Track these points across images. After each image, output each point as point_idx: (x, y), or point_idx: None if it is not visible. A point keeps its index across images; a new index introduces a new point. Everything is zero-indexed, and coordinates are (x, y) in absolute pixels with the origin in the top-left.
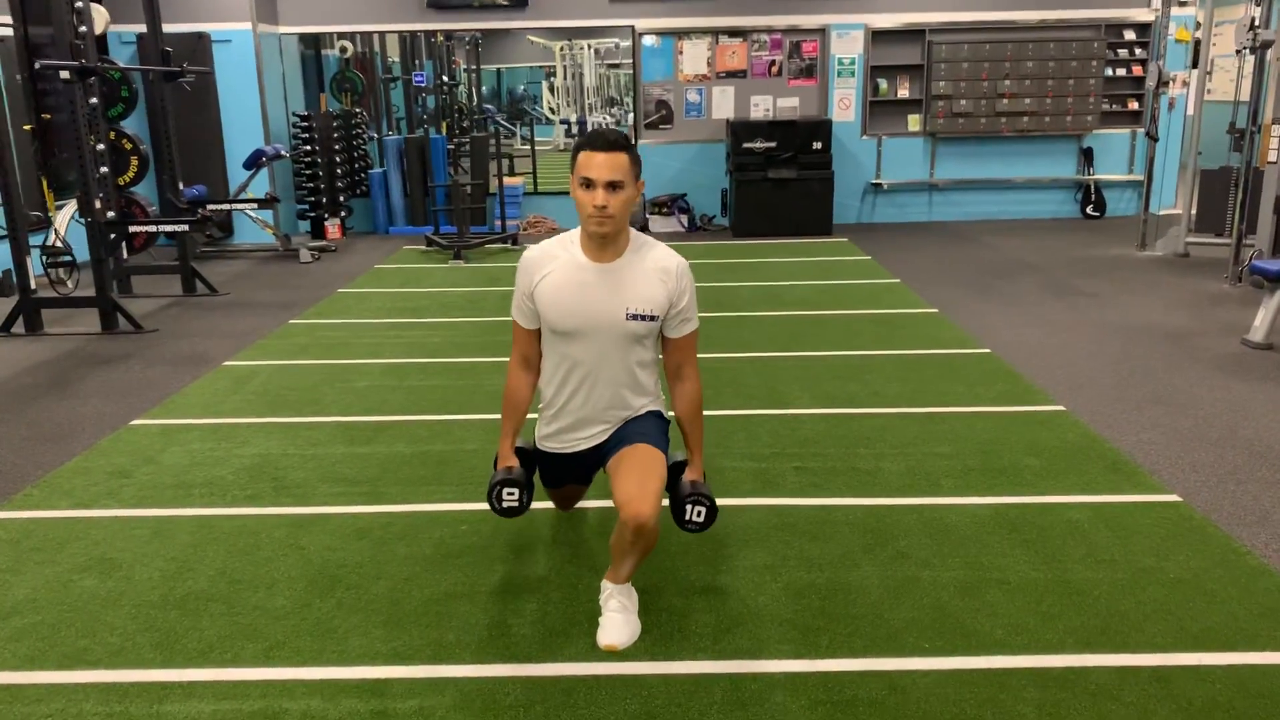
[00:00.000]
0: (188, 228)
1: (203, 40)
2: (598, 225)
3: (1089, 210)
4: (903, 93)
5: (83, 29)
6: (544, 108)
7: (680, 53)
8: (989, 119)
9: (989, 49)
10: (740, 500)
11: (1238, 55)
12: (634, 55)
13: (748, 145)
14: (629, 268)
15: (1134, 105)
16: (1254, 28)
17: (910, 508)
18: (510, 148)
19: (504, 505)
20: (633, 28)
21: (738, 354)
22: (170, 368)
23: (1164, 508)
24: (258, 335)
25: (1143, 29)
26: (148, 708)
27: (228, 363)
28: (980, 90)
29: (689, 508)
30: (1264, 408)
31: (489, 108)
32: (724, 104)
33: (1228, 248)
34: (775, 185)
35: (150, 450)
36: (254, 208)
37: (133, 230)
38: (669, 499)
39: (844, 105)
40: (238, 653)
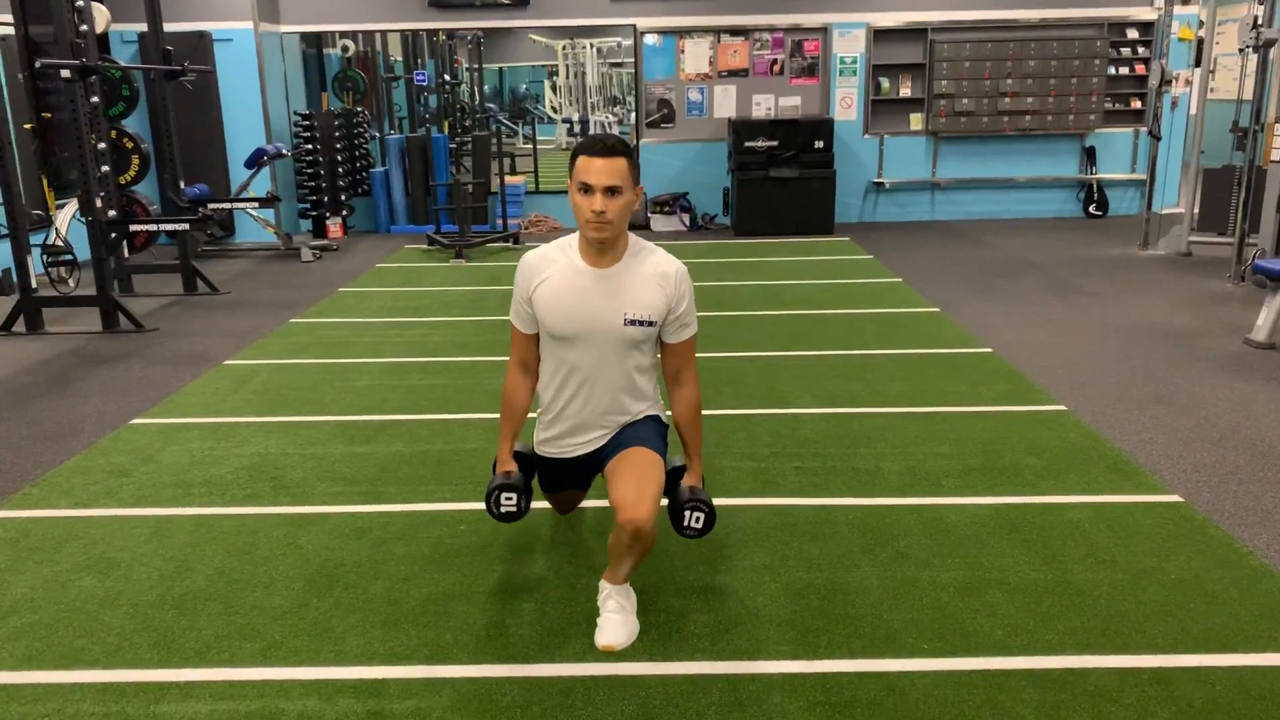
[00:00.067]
0: (188, 227)
1: (204, 39)
2: (596, 231)
3: (1091, 209)
4: (905, 92)
5: (84, 28)
6: (546, 107)
7: (682, 51)
8: (991, 118)
9: (991, 48)
10: (740, 500)
11: (1240, 54)
12: (635, 54)
13: (749, 144)
14: (627, 273)
15: (1137, 104)
16: (1257, 26)
17: (910, 508)
18: (512, 147)
19: (502, 510)
20: (634, 26)
21: (738, 353)
22: (170, 367)
23: (1165, 508)
24: (258, 334)
25: (1145, 27)
26: (144, 708)
27: (228, 362)
28: (982, 89)
29: (687, 514)
30: (1266, 408)
31: (491, 107)
32: (726, 103)
33: (1230, 247)
34: (777, 184)
35: (150, 449)
36: (255, 206)
37: (133, 229)
38: (667, 504)
39: (846, 104)
40: (235, 653)
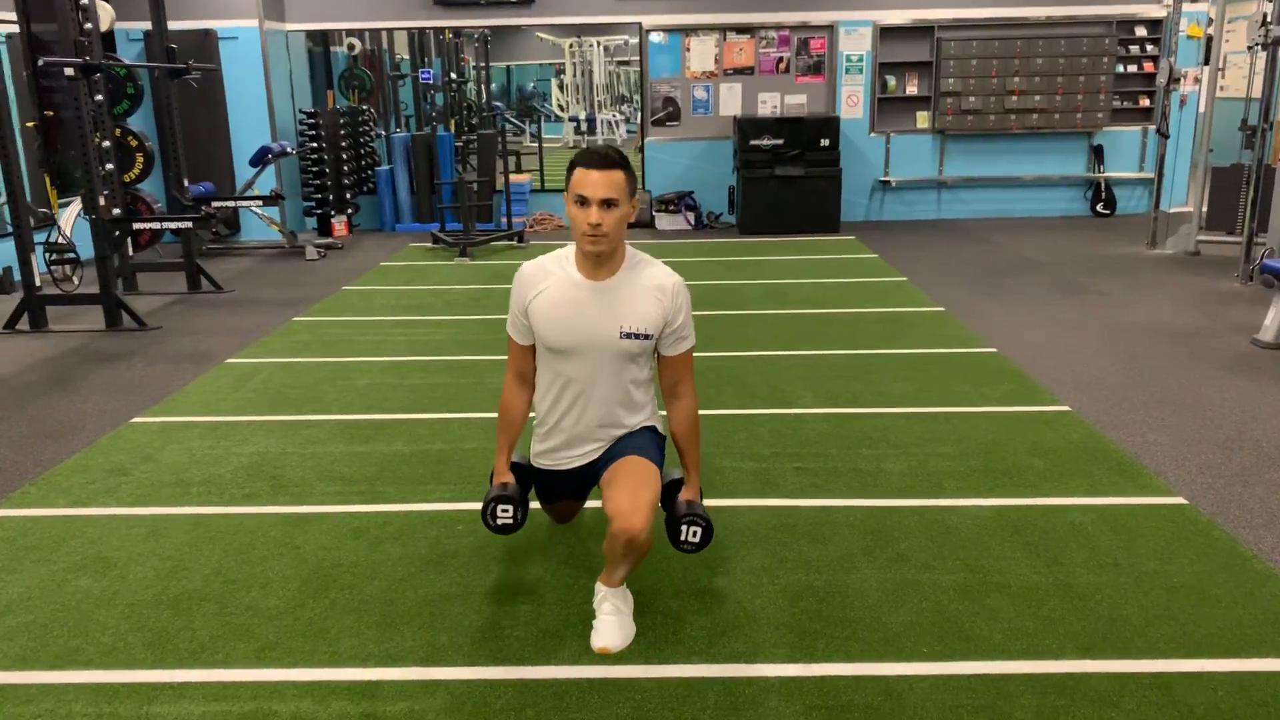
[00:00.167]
0: (192, 225)
1: (210, 37)
2: (591, 244)
3: (1099, 208)
4: (911, 90)
5: (88, 26)
6: (553, 105)
7: (688, 49)
8: (998, 116)
9: (998, 46)
10: (739, 501)
11: (1249, 51)
12: (641, 52)
13: (755, 142)
14: (624, 285)
15: (1145, 102)
16: (1266, 23)
17: (911, 509)
18: (519, 145)
19: (498, 523)
20: (640, 24)
21: (741, 353)
22: (172, 365)
23: (1169, 510)
24: (261, 332)
25: (1154, 25)
26: (137, 709)
27: (230, 360)
28: (989, 87)
29: (684, 528)
30: (1273, 409)
31: (498, 105)
32: (731, 101)
33: (1239, 246)
34: (782, 182)
35: (150, 448)
36: (259, 205)
37: (137, 227)
38: (664, 518)
39: (852, 102)
40: (229, 653)
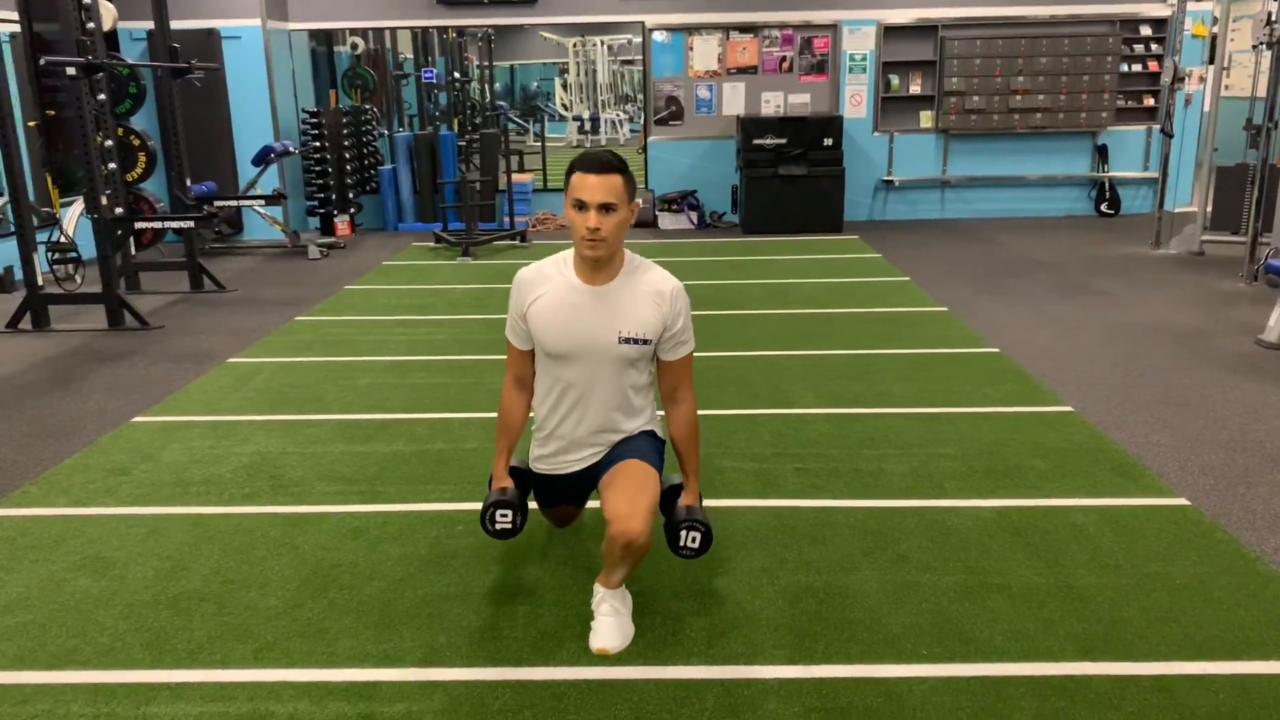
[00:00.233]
0: (194, 224)
1: (212, 36)
2: (590, 248)
3: (1103, 208)
4: (915, 89)
5: (90, 25)
6: (557, 104)
7: (691, 49)
8: (1002, 115)
9: (1002, 45)
10: (740, 501)
11: (1254, 50)
12: (644, 51)
13: (758, 142)
14: (622, 290)
15: (1149, 101)
16: (1271, 22)
17: (912, 510)
18: (522, 144)
19: (497, 527)
20: (643, 24)
21: (742, 353)
22: (174, 364)
23: (1171, 511)
24: (263, 332)
25: (1158, 24)
26: (134, 709)
27: (231, 360)
28: (993, 86)
29: (683, 534)
30: (1277, 409)
31: (502, 104)
32: (734, 100)
33: (1243, 246)
34: (786, 182)
35: (150, 447)
36: (261, 204)
37: (140, 226)
38: (663, 523)
39: (855, 101)
40: (227, 654)
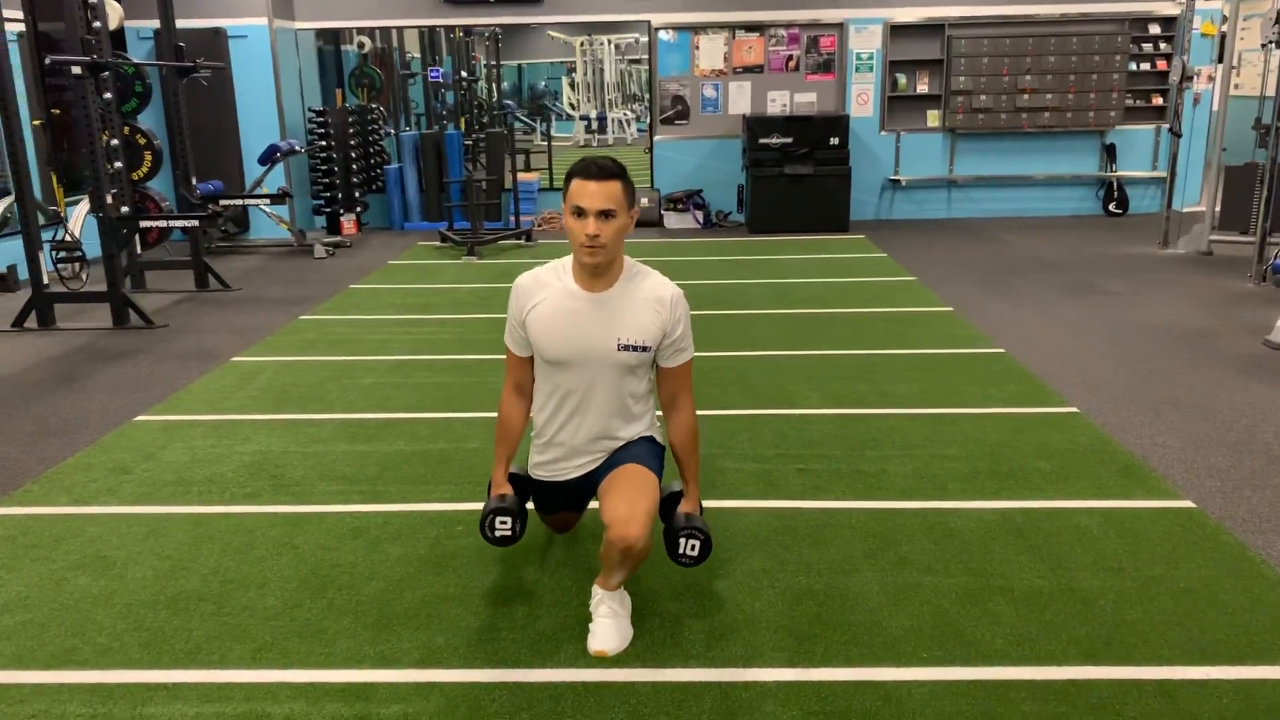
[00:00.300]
0: (200, 223)
1: (219, 35)
2: (589, 255)
3: (1111, 207)
4: (922, 88)
5: (96, 24)
6: (564, 103)
7: (697, 48)
8: (1009, 114)
9: (1009, 44)
10: (741, 502)
11: (1263, 49)
12: (650, 50)
13: (764, 141)
14: (621, 297)
15: (1158, 100)
16: None
17: (915, 511)
18: (529, 144)
19: (497, 535)
20: (649, 22)
21: (746, 352)
22: (178, 363)
23: (1176, 514)
24: (267, 331)
25: (1167, 23)
26: (131, 710)
27: (235, 358)
28: (1001, 85)
29: (682, 541)
30: None
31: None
32: (741, 99)
33: (1252, 246)
34: (791, 181)
35: (152, 446)
36: (267, 203)
37: (145, 225)
38: (663, 531)
39: (862, 100)
40: (225, 654)
